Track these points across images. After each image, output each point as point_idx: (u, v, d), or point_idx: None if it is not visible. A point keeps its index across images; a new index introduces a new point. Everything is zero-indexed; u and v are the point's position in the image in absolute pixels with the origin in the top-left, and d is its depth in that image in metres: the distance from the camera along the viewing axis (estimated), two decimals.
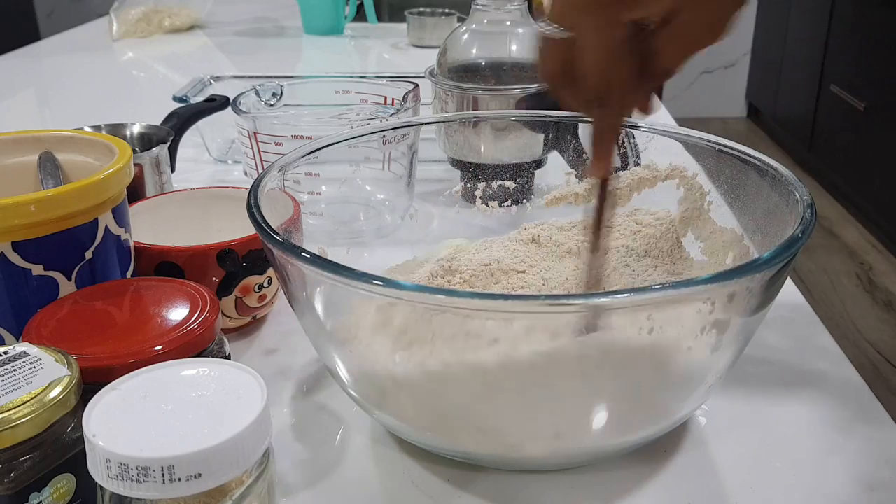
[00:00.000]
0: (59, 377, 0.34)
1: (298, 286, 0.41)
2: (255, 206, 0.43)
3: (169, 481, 0.27)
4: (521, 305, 0.35)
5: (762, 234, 0.47)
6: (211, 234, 0.57)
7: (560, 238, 0.55)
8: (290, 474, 0.43)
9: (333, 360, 0.43)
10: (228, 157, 0.90)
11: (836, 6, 2.76)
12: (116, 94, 1.25)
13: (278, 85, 0.79)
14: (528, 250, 0.55)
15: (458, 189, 0.66)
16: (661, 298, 0.35)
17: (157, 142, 0.71)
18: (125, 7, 1.58)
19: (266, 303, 0.56)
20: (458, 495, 0.42)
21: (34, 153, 0.51)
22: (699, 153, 0.53)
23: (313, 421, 0.48)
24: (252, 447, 0.29)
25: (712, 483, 0.43)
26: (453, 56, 0.76)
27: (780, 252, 0.37)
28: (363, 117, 0.69)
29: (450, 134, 0.72)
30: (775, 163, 0.47)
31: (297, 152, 0.52)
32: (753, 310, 0.40)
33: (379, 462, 0.44)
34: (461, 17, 1.45)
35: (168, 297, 0.43)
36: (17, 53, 1.49)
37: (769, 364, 0.52)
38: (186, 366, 0.32)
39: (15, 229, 0.42)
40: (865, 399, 0.49)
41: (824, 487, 0.42)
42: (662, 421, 0.41)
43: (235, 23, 1.73)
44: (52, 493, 0.33)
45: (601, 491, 0.42)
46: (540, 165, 0.72)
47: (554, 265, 0.54)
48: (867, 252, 2.45)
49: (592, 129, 0.41)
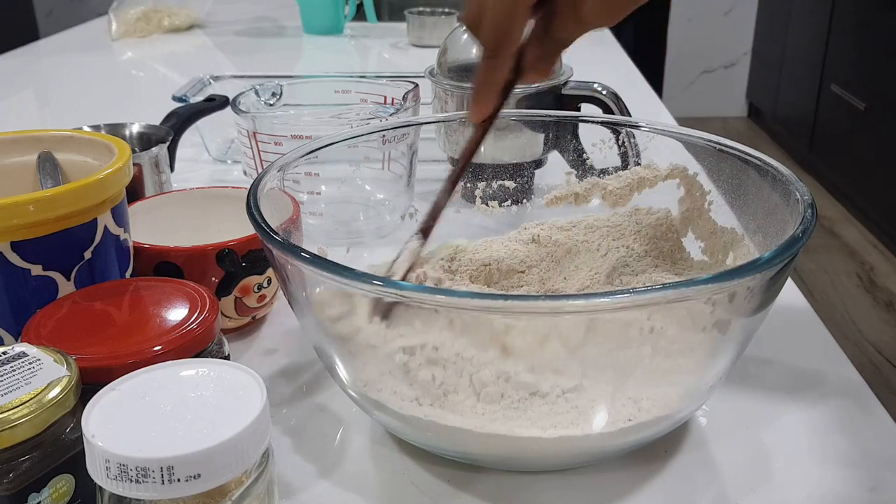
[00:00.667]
0: (59, 377, 0.34)
1: (298, 286, 0.41)
2: (255, 206, 0.43)
3: (168, 482, 0.27)
4: (521, 305, 0.35)
5: (763, 234, 0.47)
6: (210, 234, 0.57)
7: (560, 238, 0.55)
8: (289, 474, 0.43)
9: (333, 360, 0.43)
10: (228, 157, 0.90)
11: (837, 6, 2.76)
12: (116, 94, 1.25)
13: (278, 85, 0.79)
14: (528, 250, 0.55)
15: (462, 189, 0.66)
16: (661, 298, 0.35)
17: (156, 141, 0.70)
18: (124, 7, 1.58)
19: (266, 303, 0.56)
20: (458, 496, 0.42)
21: (33, 153, 0.51)
22: (699, 153, 0.53)
23: (313, 421, 0.48)
24: (252, 447, 0.29)
25: (712, 483, 0.42)
26: (453, 55, 0.76)
27: (780, 252, 0.37)
28: (363, 117, 0.69)
29: (450, 134, 0.72)
30: (776, 162, 0.47)
31: (296, 152, 0.52)
32: (754, 310, 0.40)
33: (379, 462, 0.44)
34: (461, 16, 1.45)
35: (167, 298, 0.43)
36: (16, 53, 1.49)
37: (769, 364, 0.52)
38: (186, 366, 0.32)
39: (14, 229, 0.42)
40: (865, 399, 0.49)
41: (824, 487, 0.42)
42: (662, 421, 0.41)
43: (235, 22, 1.73)
44: (51, 494, 0.33)
45: (601, 491, 0.42)
46: (540, 165, 0.72)
47: (554, 265, 0.54)
48: (868, 252, 2.45)
49: (478, 74, 0.45)
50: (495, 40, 0.43)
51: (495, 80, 0.45)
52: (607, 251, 0.53)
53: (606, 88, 0.74)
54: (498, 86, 0.45)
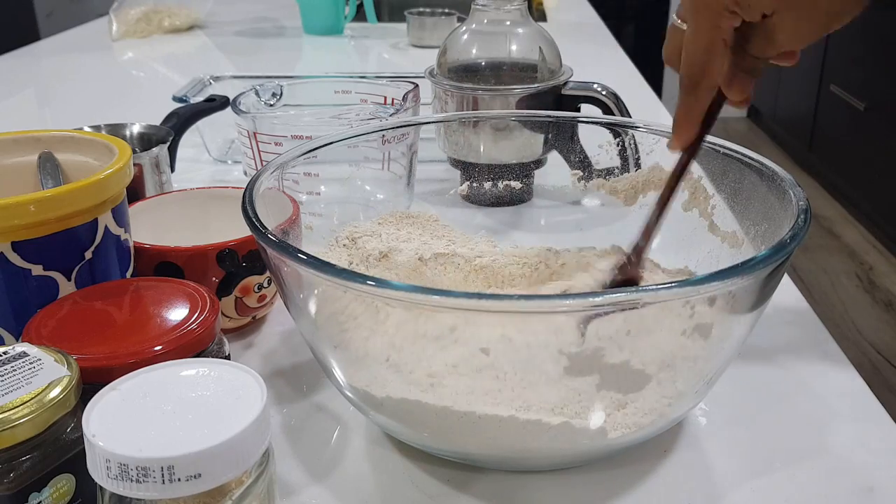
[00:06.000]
0: (59, 377, 0.34)
1: (293, 286, 0.41)
2: (250, 205, 0.43)
3: (169, 481, 0.27)
4: (517, 305, 0.35)
5: (761, 239, 0.47)
6: (211, 234, 0.57)
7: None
8: (289, 474, 0.43)
9: (329, 361, 0.43)
10: (228, 157, 0.90)
11: None
12: (116, 94, 1.25)
13: (278, 85, 0.79)
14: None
15: (462, 189, 0.66)
16: (651, 299, 0.35)
17: (156, 142, 0.71)
18: (125, 7, 1.58)
19: (266, 303, 0.56)
20: (458, 496, 0.42)
21: (34, 153, 0.51)
22: (702, 156, 0.53)
23: (313, 421, 0.48)
24: (252, 447, 0.29)
25: (712, 482, 0.43)
26: (453, 56, 0.76)
27: (770, 255, 0.37)
28: (363, 117, 0.69)
29: (449, 134, 0.72)
30: (775, 166, 0.47)
31: (294, 151, 0.52)
32: (746, 309, 0.40)
33: (379, 462, 0.44)
34: (461, 17, 1.45)
35: (168, 298, 0.43)
36: (16, 53, 1.49)
37: (769, 364, 0.52)
38: (186, 366, 0.32)
39: (15, 229, 0.42)
40: (864, 399, 0.49)
41: (824, 487, 0.42)
42: (659, 420, 0.41)
43: (235, 23, 1.73)
44: (51, 494, 0.33)
45: (601, 490, 0.42)
46: (540, 165, 0.72)
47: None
48: (867, 252, 2.45)
49: (679, 105, 0.45)
50: (692, 76, 0.43)
51: (694, 112, 0.45)
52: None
53: (606, 89, 0.74)
54: (698, 117, 0.45)
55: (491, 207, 0.63)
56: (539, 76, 0.75)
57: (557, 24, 1.71)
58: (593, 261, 0.52)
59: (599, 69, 1.02)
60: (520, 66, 0.75)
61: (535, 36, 0.76)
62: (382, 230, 0.57)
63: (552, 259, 0.55)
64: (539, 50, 0.75)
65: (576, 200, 0.61)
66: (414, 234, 0.57)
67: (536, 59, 0.75)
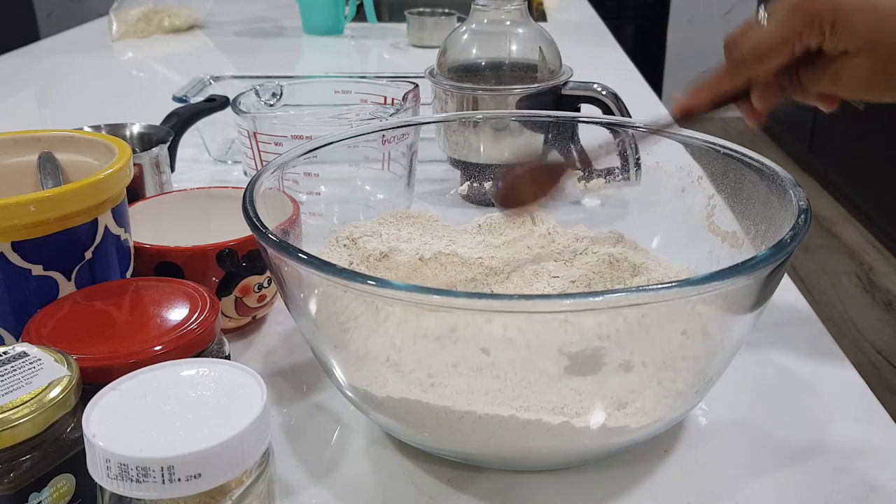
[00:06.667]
0: (59, 377, 0.34)
1: (293, 286, 0.41)
2: (250, 205, 0.43)
3: (169, 481, 0.27)
4: (517, 305, 0.35)
5: (761, 239, 0.47)
6: (211, 234, 0.57)
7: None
8: (289, 474, 0.43)
9: (329, 361, 0.43)
10: (228, 157, 0.90)
11: None
12: (116, 94, 1.25)
13: (278, 85, 0.79)
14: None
15: (462, 189, 0.66)
16: (651, 298, 0.35)
17: (156, 142, 0.71)
18: (125, 7, 1.58)
19: (266, 303, 0.56)
20: (458, 496, 0.42)
21: (34, 153, 0.51)
22: (702, 156, 0.53)
23: (313, 421, 0.48)
24: (252, 447, 0.29)
25: (712, 482, 0.43)
26: (453, 56, 0.76)
27: (770, 255, 0.37)
28: (363, 117, 0.69)
29: (449, 134, 0.72)
30: (775, 165, 0.47)
31: (294, 151, 0.52)
32: (746, 309, 0.40)
33: (379, 462, 0.44)
34: (461, 17, 1.45)
35: (168, 298, 0.43)
36: (16, 53, 1.49)
37: (769, 364, 0.52)
38: (186, 366, 0.32)
39: (15, 229, 0.42)
40: (864, 399, 0.49)
41: (824, 487, 0.42)
42: (659, 420, 0.41)
43: (235, 23, 1.73)
44: (51, 494, 0.33)
45: (601, 490, 0.42)
46: None
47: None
48: (867, 252, 2.45)
49: (708, 77, 0.46)
50: (744, 57, 0.45)
51: (718, 87, 0.46)
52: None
53: (606, 89, 0.74)
54: (715, 93, 0.46)
55: (491, 207, 0.63)
56: (539, 76, 0.75)
57: (557, 24, 1.71)
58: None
59: (599, 69, 1.02)
60: (520, 66, 0.75)
61: (535, 36, 0.76)
62: (382, 230, 0.57)
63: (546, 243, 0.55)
64: (539, 50, 0.75)
65: (576, 200, 0.61)
66: (414, 234, 0.57)
67: (536, 59, 0.75)
